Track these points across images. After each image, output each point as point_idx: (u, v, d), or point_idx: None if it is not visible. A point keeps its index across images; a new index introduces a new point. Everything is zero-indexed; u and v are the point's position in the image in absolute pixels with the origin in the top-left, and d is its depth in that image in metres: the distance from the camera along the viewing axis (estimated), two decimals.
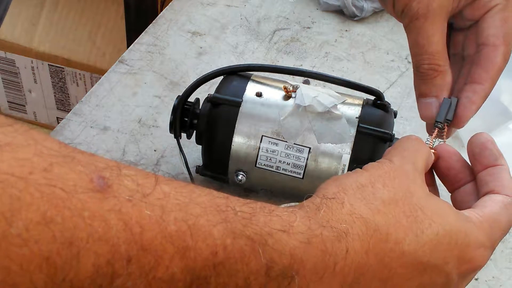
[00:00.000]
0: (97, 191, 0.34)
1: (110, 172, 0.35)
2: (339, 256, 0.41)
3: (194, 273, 0.36)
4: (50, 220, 0.32)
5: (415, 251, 0.44)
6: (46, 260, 0.32)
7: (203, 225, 0.37)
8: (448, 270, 0.46)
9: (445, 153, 0.53)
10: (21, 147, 0.33)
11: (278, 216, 0.40)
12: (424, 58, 0.57)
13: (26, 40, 1.48)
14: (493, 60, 0.57)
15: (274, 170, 0.67)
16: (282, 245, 0.39)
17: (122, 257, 0.34)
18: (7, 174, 0.31)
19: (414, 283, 0.45)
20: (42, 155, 0.33)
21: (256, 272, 0.38)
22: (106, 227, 0.33)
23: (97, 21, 1.48)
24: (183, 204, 0.37)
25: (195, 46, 0.91)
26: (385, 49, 0.93)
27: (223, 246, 0.37)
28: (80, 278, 0.33)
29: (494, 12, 0.58)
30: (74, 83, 1.51)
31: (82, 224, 0.33)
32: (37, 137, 0.34)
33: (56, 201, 0.32)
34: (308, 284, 0.40)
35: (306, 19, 0.96)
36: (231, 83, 0.69)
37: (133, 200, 0.35)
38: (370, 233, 0.43)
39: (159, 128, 0.79)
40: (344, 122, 0.66)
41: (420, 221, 0.45)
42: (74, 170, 0.34)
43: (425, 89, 0.58)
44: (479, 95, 0.57)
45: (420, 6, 0.57)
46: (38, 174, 0.32)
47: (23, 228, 0.31)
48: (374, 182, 0.46)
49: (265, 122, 0.67)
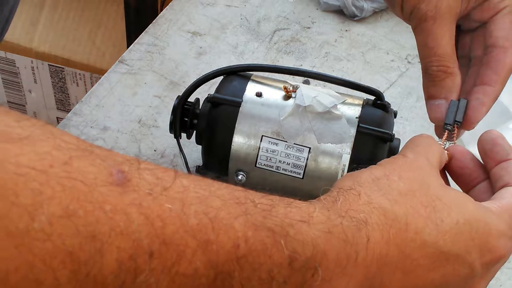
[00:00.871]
0: (117, 185, 0.33)
1: (129, 166, 0.35)
2: (360, 246, 0.41)
3: (217, 268, 0.36)
4: (72, 214, 0.31)
5: (436, 241, 0.43)
6: (70, 255, 0.31)
7: (224, 218, 0.36)
8: (470, 260, 0.45)
9: (457, 153, 0.53)
10: (40, 141, 0.32)
11: (297, 207, 0.40)
12: (433, 60, 0.57)
13: (26, 40, 1.48)
14: (503, 62, 0.58)
15: (274, 170, 0.67)
16: (304, 236, 0.39)
17: (145, 251, 0.33)
18: (28, 168, 0.31)
19: (437, 275, 0.44)
20: (61, 148, 0.33)
21: (279, 265, 0.37)
22: (128, 221, 0.33)
23: (97, 21, 1.48)
24: (203, 197, 0.36)
25: (195, 46, 0.91)
26: (385, 49, 0.93)
27: (244, 239, 0.36)
28: (104, 273, 0.32)
29: (503, 14, 0.58)
30: (74, 83, 1.51)
31: (104, 218, 0.32)
32: (54, 131, 0.33)
33: (77, 194, 0.32)
34: (331, 277, 0.40)
35: (306, 19, 0.96)
36: (231, 83, 0.69)
37: (153, 194, 0.34)
38: (389, 222, 0.42)
39: (159, 128, 0.79)
40: (344, 122, 0.66)
41: (439, 210, 0.44)
42: (93, 164, 0.33)
43: (434, 91, 0.58)
44: (489, 97, 0.57)
45: (429, 8, 0.57)
46: (58, 167, 0.32)
47: (46, 222, 0.30)
48: (389, 175, 0.45)
49: (265, 122, 0.67)
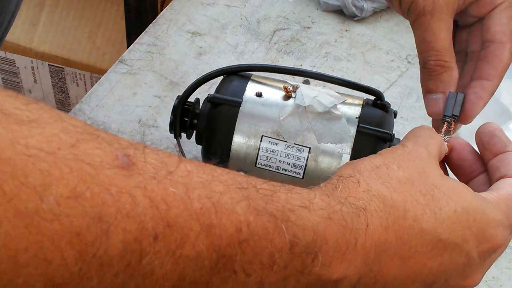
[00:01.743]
0: (122, 168, 0.34)
1: (134, 150, 0.35)
2: (360, 232, 0.41)
3: (220, 251, 0.36)
4: (79, 195, 0.32)
5: (434, 228, 0.44)
6: (77, 236, 0.31)
7: (226, 202, 0.37)
8: (468, 248, 0.45)
9: (457, 145, 0.54)
10: (48, 124, 0.33)
11: (298, 193, 0.40)
12: (431, 54, 0.58)
13: (26, 40, 1.48)
14: (501, 56, 0.58)
15: (274, 170, 0.67)
16: (304, 221, 0.39)
17: (149, 234, 0.33)
18: (36, 149, 0.31)
19: (435, 263, 0.44)
20: (69, 131, 0.33)
21: (280, 249, 0.38)
22: (133, 204, 0.33)
23: (97, 21, 1.48)
24: (206, 182, 0.37)
25: (195, 46, 0.91)
26: (385, 49, 0.93)
27: (246, 223, 0.37)
28: (110, 254, 0.32)
29: (500, 10, 0.58)
30: (74, 83, 1.51)
31: (110, 200, 0.32)
32: (62, 115, 0.34)
33: (84, 176, 0.32)
34: (331, 262, 0.40)
35: (306, 19, 0.96)
36: (231, 83, 0.69)
37: (158, 177, 0.35)
38: (388, 209, 0.43)
39: (159, 128, 0.79)
40: (344, 122, 0.66)
41: (437, 199, 0.45)
42: (100, 147, 0.34)
43: (432, 85, 0.58)
44: (487, 91, 0.58)
45: (427, 3, 0.57)
46: (66, 149, 0.32)
47: (54, 203, 0.31)
48: (389, 163, 0.46)
49: (265, 122, 0.67)
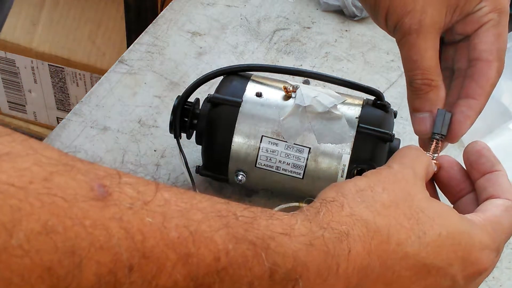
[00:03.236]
0: (97, 200, 0.33)
1: (110, 180, 0.35)
2: (342, 257, 0.41)
3: (198, 280, 0.36)
4: (51, 230, 0.31)
5: (418, 253, 0.44)
6: (48, 271, 0.31)
7: (204, 231, 0.37)
8: (453, 272, 0.45)
9: (446, 163, 0.53)
10: (20, 157, 0.32)
11: (279, 219, 0.40)
12: (417, 73, 0.57)
13: (26, 40, 1.48)
14: (487, 75, 0.57)
15: (274, 170, 0.67)
16: (285, 248, 0.39)
17: (124, 265, 0.33)
18: (7, 184, 0.31)
19: (419, 287, 0.44)
20: (42, 164, 0.33)
21: (260, 277, 0.38)
22: (108, 236, 0.33)
23: (97, 21, 1.48)
24: (184, 211, 0.37)
25: (195, 46, 0.91)
26: (385, 49, 0.93)
27: (225, 252, 0.37)
28: (83, 287, 0.32)
29: (487, 28, 0.58)
30: (74, 83, 1.51)
31: (83, 233, 0.32)
32: (36, 146, 0.33)
33: (57, 210, 0.32)
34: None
35: (306, 19, 0.96)
36: (231, 83, 0.69)
37: (134, 208, 0.35)
38: (371, 234, 0.42)
39: (159, 128, 0.79)
40: (344, 122, 0.66)
41: (422, 222, 0.44)
42: (74, 179, 0.33)
43: (419, 104, 0.58)
44: (474, 110, 0.57)
45: (413, 22, 0.56)
46: (38, 183, 0.32)
47: (24, 239, 0.31)
48: (373, 186, 0.45)
49: (265, 122, 0.67)
